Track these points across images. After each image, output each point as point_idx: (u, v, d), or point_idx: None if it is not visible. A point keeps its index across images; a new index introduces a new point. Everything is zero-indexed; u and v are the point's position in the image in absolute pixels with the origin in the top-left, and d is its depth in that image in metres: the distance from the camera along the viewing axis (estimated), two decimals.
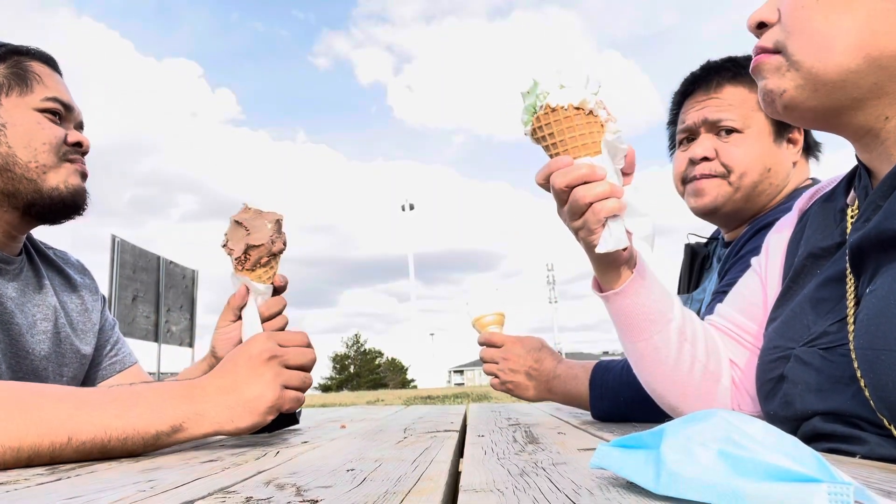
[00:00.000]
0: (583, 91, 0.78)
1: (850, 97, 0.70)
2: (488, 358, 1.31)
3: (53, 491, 0.50)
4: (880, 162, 0.73)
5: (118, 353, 1.35)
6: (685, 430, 0.42)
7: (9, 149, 1.08)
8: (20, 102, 1.10)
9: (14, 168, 1.08)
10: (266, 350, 0.81)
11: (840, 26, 0.69)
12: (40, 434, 0.65)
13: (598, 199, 0.78)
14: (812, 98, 0.72)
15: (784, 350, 0.78)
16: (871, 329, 0.64)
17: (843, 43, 0.69)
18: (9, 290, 1.11)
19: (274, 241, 1.05)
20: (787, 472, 0.36)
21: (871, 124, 0.72)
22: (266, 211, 1.07)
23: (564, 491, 0.46)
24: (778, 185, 1.26)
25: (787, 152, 1.27)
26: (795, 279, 0.83)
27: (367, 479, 0.53)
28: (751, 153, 1.24)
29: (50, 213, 1.13)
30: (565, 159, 0.79)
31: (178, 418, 0.73)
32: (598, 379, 1.20)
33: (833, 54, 0.69)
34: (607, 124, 0.79)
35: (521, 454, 0.69)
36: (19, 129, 1.09)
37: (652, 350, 0.89)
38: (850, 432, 0.68)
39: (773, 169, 1.24)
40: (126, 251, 9.37)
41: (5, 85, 1.10)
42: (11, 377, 1.07)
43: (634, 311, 0.88)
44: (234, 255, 1.05)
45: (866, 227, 0.68)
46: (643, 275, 0.86)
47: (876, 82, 0.69)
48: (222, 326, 1.13)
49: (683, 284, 1.54)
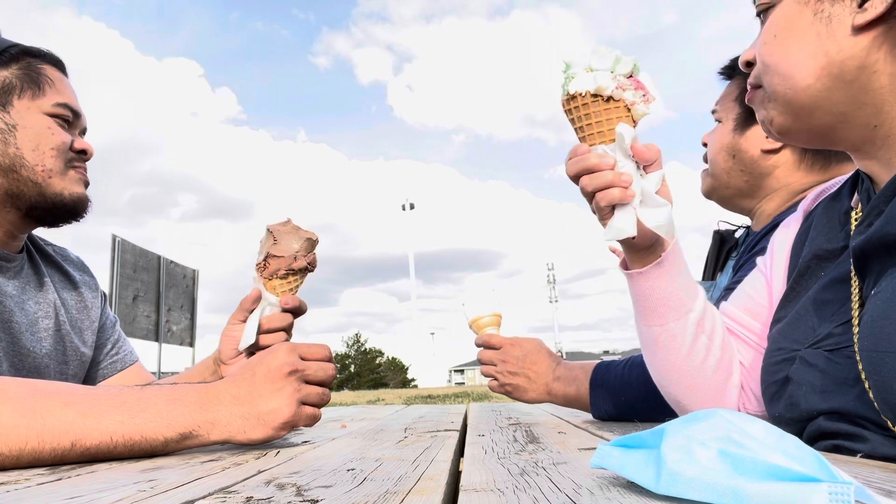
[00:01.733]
0: (605, 75, 0.78)
1: (832, 114, 0.74)
2: (486, 360, 1.31)
3: (54, 491, 0.50)
4: (879, 168, 0.75)
5: (119, 351, 1.35)
6: (686, 430, 0.42)
7: (17, 150, 1.08)
8: (32, 105, 1.11)
9: (20, 170, 1.08)
10: (287, 364, 0.78)
11: (797, 55, 0.74)
12: (42, 441, 0.65)
13: (599, 188, 0.79)
14: (797, 122, 0.77)
15: (789, 352, 0.78)
16: (875, 331, 0.64)
17: (802, 70, 0.74)
18: (9, 288, 1.11)
19: (298, 257, 1.05)
20: (788, 472, 0.36)
21: (863, 134, 0.74)
22: (304, 229, 1.08)
23: (565, 490, 0.46)
24: (752, 171, 1.30)
25: (755, 139, 1.30)
26: (800, 280, 0.83)
27: (367, 479, 0.53)
28: (717, 140, 1.34)
29: (50, 217, 1.14)
30: (582, 147, 0.81)
31: (189, 426, 0.72)
32: (599, 379, 1.20)
33: (797, 81, 0.74)
34: (634, 107, 0.79)
35: (522, 454, 0.69)
36: (29, 132, 1.09)
37: (667, 336, 0.89)
38: (853, 430, 0.68)
39: (738, 156, 1.31)
40: (127, 251, 9.38)
41: (18, 86, 1.10)
42: (14, 376, 1.07)
43: (653, 294, 0.88)
44: (257, 259, 1.07)
45: (869, 231, 0.69)
46: (669, 261, 0.86)
47: (849, 96, 0.72)
48: (230, 325, 1.14)
49: (709, 271, 1.55)
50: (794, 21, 0.75)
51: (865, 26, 0.70)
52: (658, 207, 0.80)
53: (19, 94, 1.10)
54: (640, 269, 0.87)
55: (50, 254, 1.26)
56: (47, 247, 1.28)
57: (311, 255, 1.08)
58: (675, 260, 0.87)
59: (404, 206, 57.70)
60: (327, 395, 0.83)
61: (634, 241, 0.84)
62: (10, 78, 1.10)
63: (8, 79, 1.10)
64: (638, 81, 0.79)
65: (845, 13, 0.71)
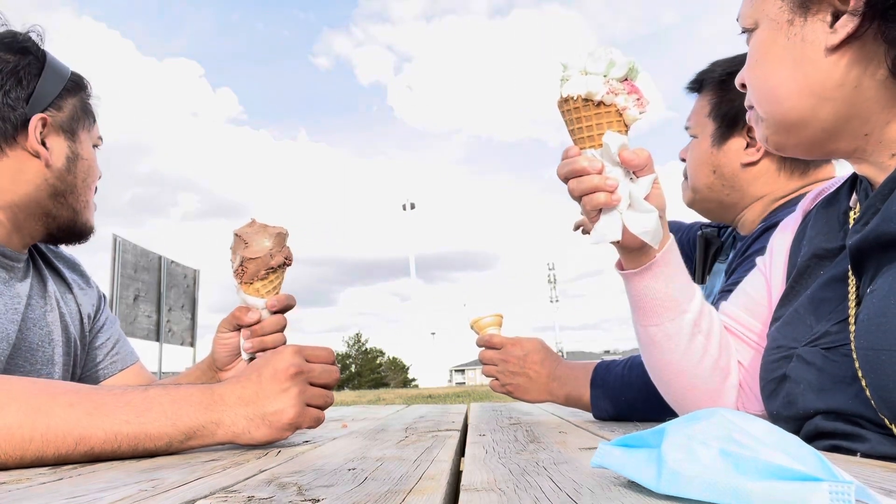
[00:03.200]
0: (597, 80, 0.78)
1: (821, 129, 0.75)
2: (487, 360, 1.31)
3: (55, 490, 0.50)
4: (874, 171, 0.76)
5: (119, 351, 1.35)
6: (686, 429, 0.42)
7: (74, 178, 1.14)
8: (87, 137, 1.17)
9: (68, 196, 1.13)
10: (293, 365, 0.78)
11: (777, 78, 0.77)
12: (46, 440, 0.65)
13: (585, 192, 0.80)
14: (789, 138, 0.79)
15: (787, 350, 0.78)
16: (871, 329, 0.64)
17: (784, 91, 0.76)
18: (21, 288, 1.12)
19: (273, 255, 1.03)
20: (789, 471, 0.36)
21: (855, 143, 0.75)
22: (271, 226, 1.06)
23: (566, 490, 0.46)
24: (734, 185, 1.30)
25: (733, 154, 1.29)
26: (798, 279, 0.84)
27: (368, 479, 0.53)
28: (697, 157, 1.34)
29: (64, 239, 1.19)
30: (572, 150, 0.82)
31: (194, 426, 0.72)
32: (600, 378, 1.20)
33: (781, 102, 0.77)
34: (626, 112, 0.79)
35: (523, 453, 0.69)
36: (84, 164, 1.16)
37: (663, 336, 0.89)
38: (851, 430, 0.68)
39: (719, 171, 1.31)
40: (127, 251, 9.38)
41: (81, 118, 1.16)
42: (26, 374, 1.08)
43: (648, 294, 0.88)
44: (233, 267, 1.04)
45: (865, 229, 0.69)
46: (664, 262, 0.86)
47: (835, 111, 0.73)
48: (221, 332, 1.13)
49: (697, 274, 1.55)
50: (770, 47, 0.77)
51: (839, 45, 0.71)
52: (645, 213, 0.80)
53: (82, 125, 1.16)
54: (635, 270, 0.87)
55: (45, 252, 1.27)
56: (41, 245, 1.29)
57: (286, 248, 1.06)
58: (670, 260, 0.87)
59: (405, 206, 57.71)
60: (331, 397, 0.84)
61: (624, 244, 0.84)
62: (76, 107, 1.15)
63: (75, 108, 1.15)
64: (633, 85, 0.79)
65: (818, 35, 0.73)
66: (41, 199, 1.10)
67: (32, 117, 1.07)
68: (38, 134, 1.08)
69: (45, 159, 1.09)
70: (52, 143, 1.10)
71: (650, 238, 0.81)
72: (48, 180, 1.10)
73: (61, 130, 1.12)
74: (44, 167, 1.09)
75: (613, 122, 0.79)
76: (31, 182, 1.09)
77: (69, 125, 1.13)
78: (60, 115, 1.12)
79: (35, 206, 1.10)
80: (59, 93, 1.11)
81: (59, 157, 1.11)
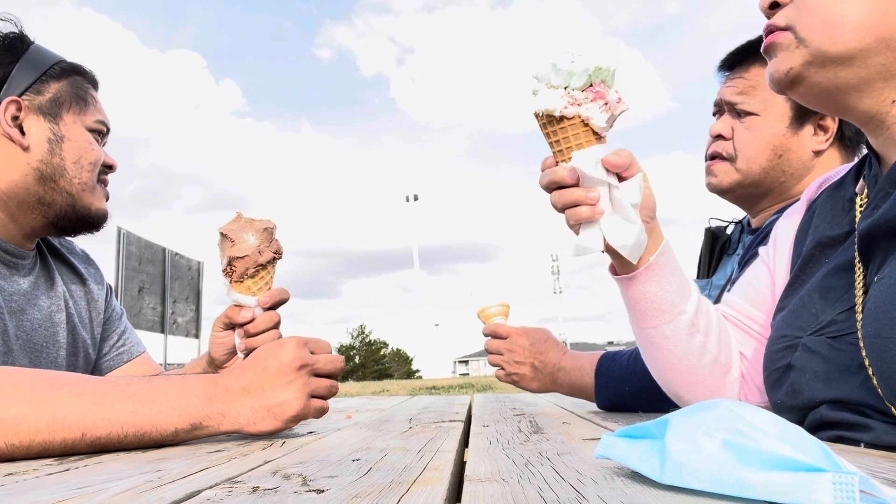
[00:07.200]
0: (554, 95, 0.76)
1: (857, 77, 0.70)
2: (493, 349, 1.31)
3: (62, 481, 0.50)
4: (887, 148, 0.73)
5: (125, 342, 1.36)
6: (690, 420, 0.42)
7: (61, 161, 1.12)
8: (77, 120, 1.16)
9: (59, 180, 1.12)
10: (298, 357, 0.79)
11: (851, 5, 0.69)
12: (52, 431, 0.65)
13: (567, 206, 0.79)
14: (818, 75, 0.72)
15: (792, 339, 0.77)
16: (879, 317, 0.63)
17: (853, 22, 0.69)
18: (24, 285, 1.12)
19: (262, 251, 1.00)
20: (792, 462, 0.36)
21: (877, 108, 0.72)
22: (258, 220, 1.02)
23: (569, 480, 0.46)
24: (794, 172, 1.22)
25: (807, 139, 1.22)
26: (804, 268, 0.83)
27: (372, 469, 0.53)
28: (760, 137, 1.22)
29: (72, 228, 1.18)
30: (548, 160, 0.82)
31: (199, 416, 0.73)
32: (604, 369, 1.20)
33: (842, 32, 0.70)
34: (591, 122, 0.76)
35: (526, 444, 0.69)
36: (73, 146, 1.14)
37: (661, 338, 0.89)
38: (857, 420, 0.68)
39: (786, 156, 1.21)
40: (132, 243, 9.40)
41: (67, 101, 1.15)
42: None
43: (643, 297, 0.88)
44: (221, 266, 1.01)
45: (875, 214, 0.68)
46: (658, 265, 0.85)
47: (884, 63, 0.69)
48: (215, 332, 1.12)
49: (703, 269, 1.53)
50: None
51: None
52: (628, 224, 0.78)
53: (68, 108, 1.14)
54: (628, 275, 0.87)
55: (56, 247, 1.28)
56: (53, 241, 1.29)
57: (275, 242, 1.03)
58: (664, 263, 0.86)
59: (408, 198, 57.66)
60: (335, 388, 0.84)
61: (610, 252, 0.83)
62: (61, 91, 1.14)
63: (59, 92, 1.14)
64: (598, 91, 0.76)
65: None
66: (29, 184, 1.10)
67: (3, 101, 1.07)
68: (8, 117, 1.07)
69: (19, 143, 1.08)
70: (29, 125, 1.10)
71: (628, 252, 0.80)
72: (31, 164, 1.09)
73: (40, 113, 1.11)
74: (22, 151, 1.09)
75: (580, 133, 0.77)
76: (15, 168, 1.09)
77: (50, 108, 1.12)
78: (39, 99, 1.11)
79: (25, 192, 1.10)
80: (38, 78, 1.11)
81: (40, 139, 1.10)
